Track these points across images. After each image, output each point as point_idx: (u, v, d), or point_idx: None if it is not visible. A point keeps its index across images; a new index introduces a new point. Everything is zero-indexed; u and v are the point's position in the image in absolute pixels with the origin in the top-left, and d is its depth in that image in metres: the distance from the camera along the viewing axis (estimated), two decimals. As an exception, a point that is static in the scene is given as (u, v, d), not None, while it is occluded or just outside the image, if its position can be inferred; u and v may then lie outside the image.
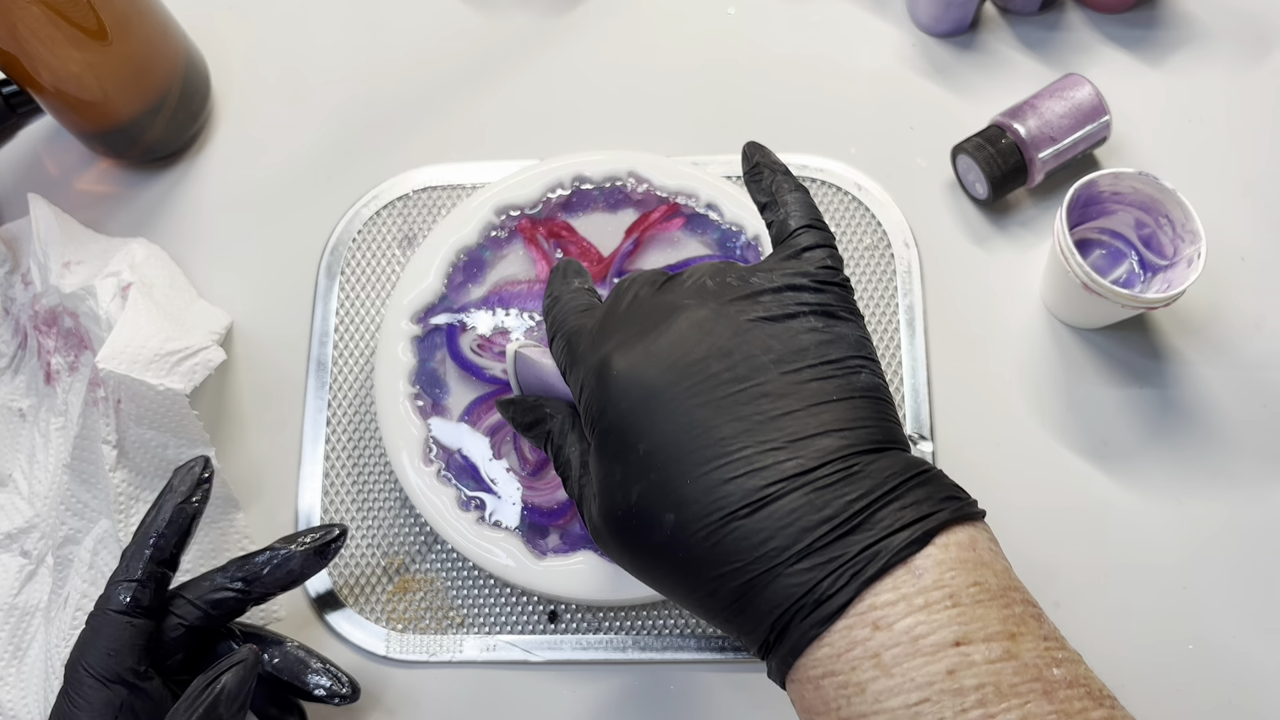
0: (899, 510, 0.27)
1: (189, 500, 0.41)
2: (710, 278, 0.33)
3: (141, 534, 0.40)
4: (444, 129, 0.58)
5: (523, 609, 0.48)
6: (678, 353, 0.30)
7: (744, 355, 0.30)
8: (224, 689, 0.36)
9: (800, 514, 0.27)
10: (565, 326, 0.35)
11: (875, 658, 0.26)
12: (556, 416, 0.36)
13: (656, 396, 0.30)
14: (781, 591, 0.27)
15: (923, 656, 0.25)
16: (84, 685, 0.37)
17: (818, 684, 0.27)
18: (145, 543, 0.40)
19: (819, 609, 0.27)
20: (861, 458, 0.28)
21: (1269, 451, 0.49)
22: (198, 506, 0.41)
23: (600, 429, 0.31)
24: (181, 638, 0.40)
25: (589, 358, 0.32)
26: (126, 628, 0.38)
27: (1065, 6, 0.59)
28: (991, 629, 0.26)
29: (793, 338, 0.30)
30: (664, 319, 0.31)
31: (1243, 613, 0.46)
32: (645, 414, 0.30)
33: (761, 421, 0.28)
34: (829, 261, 0.33)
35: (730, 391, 0.29)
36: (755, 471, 0.28)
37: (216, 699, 0.36)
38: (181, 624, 0.40)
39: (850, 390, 0.30)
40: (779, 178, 0.36)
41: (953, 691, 0.25)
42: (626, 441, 0.30)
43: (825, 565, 0.27)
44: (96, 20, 0.49)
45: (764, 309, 0.31)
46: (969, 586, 0.26)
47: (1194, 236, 0.46)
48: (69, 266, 0.51)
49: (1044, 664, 0.26)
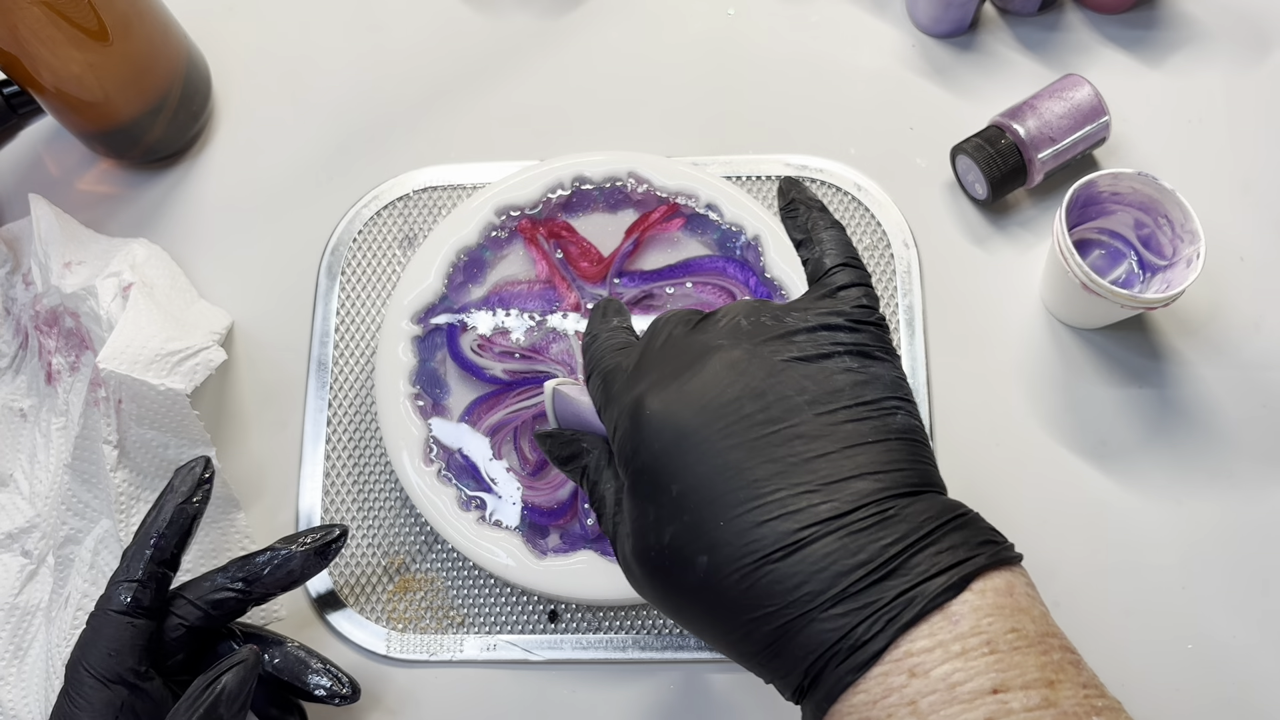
0: (935, 555, 0.27)
1: (190, 500, 0.41)
2: (745, 317, 0.32)
3: (142, 534, 0.40)
4: (444, 129, 0.58)
5: (523, 609, 0.48)
6: (711, 393, 0.30)
7: (778, 396, 0.29)
8: (225, 689, 0.36)
9: (835, 558, 0.27)
10: (602, 365, 0.35)
11: (911, 705, 0.25)
12: (593, 452, 0.36)
13: (689, 438, 0.29)
14: (816, 637, 0.27)
15: (960, 704, 0.25)
16: (85, 685, 0.37)
17: None
18: (146, 543, 0.40)
19: (854, 655, 0.26)
20: (897, 501, 0.28)
21: (1268, 451, 0.49)
22: (199, 507, 0.42)
23: (634, 469, 0.31)
24: (182, 638, 0.40)
25: (623, 397, 0.32)
26: (127, 628, 0.38)
27: (1064, 7, 0.59)
28: (1030, 676, 0.25)
29: (827, 378, 0.30)
30: (697, 359, 0.31)
31: (1243, 613, 0.46)
32: (678, 455, 0.29)
33: (795, 464, 0.28)
34: (864, 300, 0.33)
35: (764, 433, 0.29)
36: (789, 515, 0.27)
37: (217, 699, 0.36)
38: (182, 624, 0.40)
39: (886, 432, 0.29)
40: (815, 214, 0.36)
41: None
42: (659, 482, 0.30)
43: (860, 611, 0.26)
44: (97, 21, 0.49)
45: (798, 349, 0.31)
46: (1007, 633, 0.26)
47: (1193, 237, 0.46)
48: (70, 267, 0.51)
49: (1083, 711, 0.25)
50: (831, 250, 0.34)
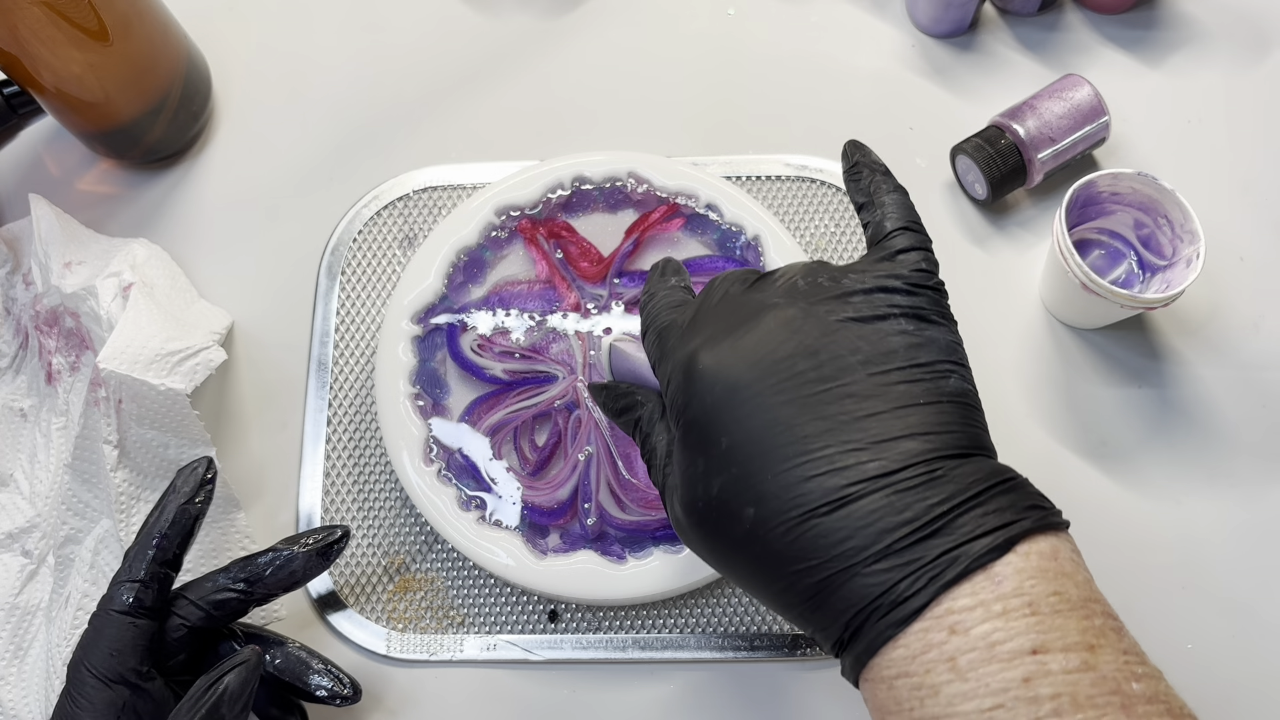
0: (981, 516, 0.27)
1: (192, 501, 0.41)
2: (802, 277, 0.33)
3: (144, 535, 0.40)
4: (444, 129, 0.58)
5: (523, 608, 0.48)
6: (764, 350, 0.30)
7: (831, 355, 0.30)
8: (227, 689, 0.36)
9: (880, 515, 0.27)
10: (658, 321, 0.36)
11: (950, 661, 0.26)
12: (647, 405, 0.37)
13: (741, 392, 0.30)
14: (858, 591, 0.27)
15: (999, 663, 0.25)
16: (86, 685, 0.37)
17: (891, 684, 0.27)
18: (148, 543, 0.40)
19: (895, 610, 0.26)
20: (945, 463, 0.28)
21: (1267, 451, 0.49)
22: (201, 507, 0.42)
23: (685, 421, 0.32)
24: (184, 638, 0.40)
25: (677, 352, 0.33)
26: (129, 628, 0.38)
27: (1064, 7, 0.59)
28: (1070, 639, 0.25)
29: (882, 339, 0.30)
30: (752, 316, 0.32)
31: (1243, 613, 0.46)
32: (729, 409, 0.30)
33: (846, 422, 0.28)
34: (924, 264, 0.33)
35: (815, 390, 0.29)
36: (837, 471, 0.28)
37: (219, 699, 0.36)
38: (184, 624, 0.40)
39: (938, 394, 0.29)
40: (878, 178, 0.36)
41: (1028, 700, 0.25)
42: (710, 435, 0.30)
43: (904, 567, 0.27)
44: (98, 21, 0.49)
45: (854, 310, 0.31)
46: (1049, 596, 0.26)
47: (1193, 237, 0.47)
48: (70, 267, 0.52)
49: (1123, 678, 0.25)
50: (893, 214, 0.34)
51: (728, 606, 0.47)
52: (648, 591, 0.45)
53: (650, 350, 0.36)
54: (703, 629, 0.47)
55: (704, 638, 0.47)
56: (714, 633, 0.47)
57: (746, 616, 0.47)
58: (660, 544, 0.46)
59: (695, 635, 0.47)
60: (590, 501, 0.47)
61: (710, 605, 0.47)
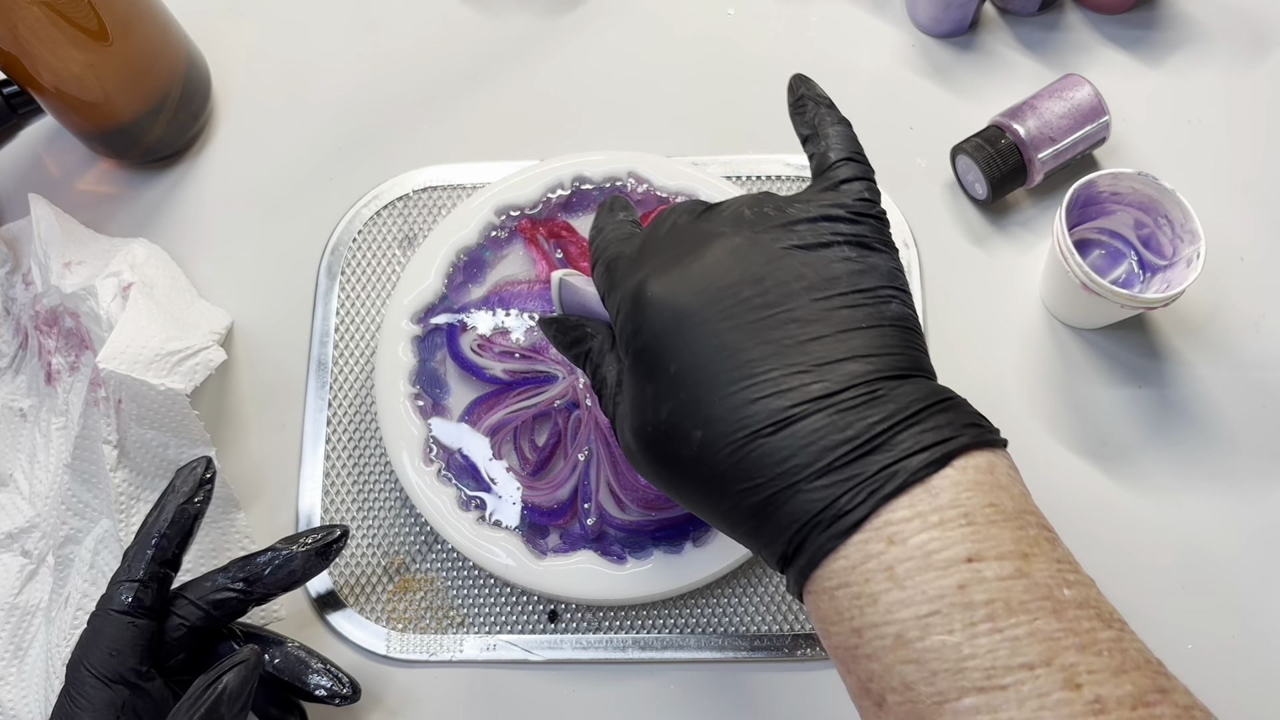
0: (920, 433, 0.28)
1: (191, 500, 0.41)
2: (748, 207, 0.33)
3: (144, 534, 0.40)
4: (444, 129, 0.58)
5: (523, 609, 0.48)
6: (711, 277, 0.31)
7: (776, 282, 0.30)
8: (226, 689, 0.36)
9: (823, 434, 0.28)
10: (607, 253, 0.36)
11: (888, 570, 0.26)
12: (597, 336, 0.37)
13: (689, 319, 0.30)
14: (801, 506, 0.28)
15: (935, 571, 0.26)
16: (86, 685, 0.37)
17: (832, 595, 0.28)
18: (147, 543, 0.40)
19: (836, 523, 0.27)
20: (886, 383, 0.29)
21: (1268, 451, 0.49)
22: (200, 507, 0.42)
23: (634, 349, 0.32)
24: (183, 638, 0.40)
25: (626, 281, 0.33)
26: (129, 628, 0.38)
27: (1064, 7, 0.59)
28: (1004, 548, 0.26)
29: (825, 266, 0.31)
30: (700, 245, 0.32)
31: (1243, 613, 0.46)
32: (677, 335, 0.31)
33: (790, 346, 0.29)
34: (866, 194, 0.33)
35: (761, 316, 0.30)
36: (781, 393, 0.28)
37: (219, 699, 0.36)
38: (183, 624, 0.40)
39: (879, 319, 0.30)
40: (823, 110, 0.36)
41: (963, 605, 0.26)
42: (659, 361, 0.31)
43: (844, 482, 0.27)
44: (97, 21, 0.49)
45: (799, 238, 0.31)
46: (984, 507, 0.27)
47: (1193, 237, 0.46)
48: (70, 266, 0.51)
49: (1055, 584, 0.26)
50: (837, 145, 0.35)
51: (728, 606, 0.47)
52: (648, 591, 0.45)
53: (599, 282, 0.36)
54: (703, 629, 0.47)
55: (704, 638, 0.47)
56: (714, 633, 0.47)
57: (746, 616, 0.47)
58: (660, 544, 0.46)
59: (695, 635, 0.47)
60: (590, 501, 0.47)
61: (710, 605, 0.47)
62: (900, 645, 0.26)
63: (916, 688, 0.26)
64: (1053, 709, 0.24)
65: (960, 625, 0.25)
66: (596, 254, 0.37)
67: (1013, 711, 0.25)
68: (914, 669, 0.26)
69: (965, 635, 0.25)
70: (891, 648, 0.26)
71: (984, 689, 0.25)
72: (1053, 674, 0.25)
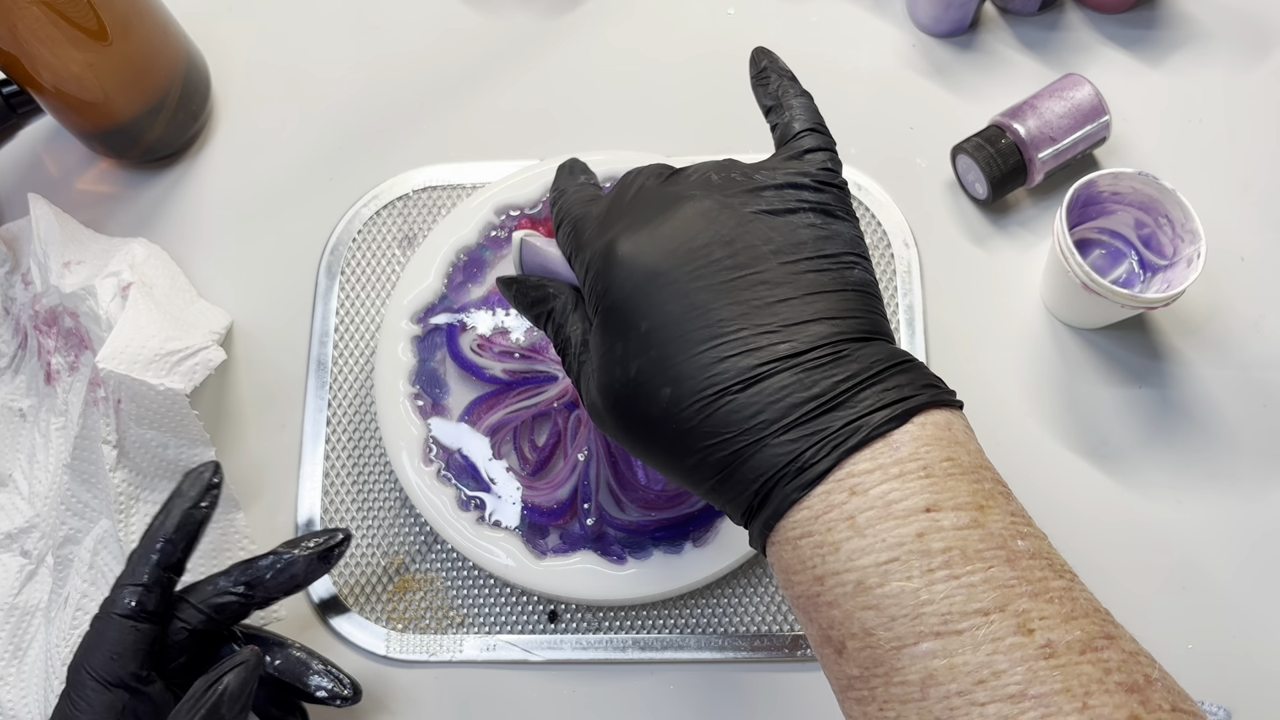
0: (881, 392, 0.29)
1: (198, 505, 0.41)
2: (715, 172, 0.34)
3: (149, 538, 0.40)
4: (444, 129, 0.58)
5: (523, 609, 0.48)
6: (682, 238, 0.32)
7: (745, 244, 0.31)
8: (226, 689, 0.36)
9: (790, 391, 0.29)
10: (572, 214, 0.36)
11: (850, 520, 0.28)
12: (559, 297, 0.37)
13: (660, 278, 0.31)
14: (767, 460, 0.29)
15: (894, 520, 0.27)
16: (86, 688, 0.37)
17: (796, 544, 0.29)
18: (152, 547, 0.40)
19: (801, 475, 0.28)
20: (850, 344, 0.30)
21: (1268, 451, 0.49)
22: (206, 512, 0.41)
23: (604, 307, 0.33)
24: (185, 641, 0.40)
25: (595, 241, 0.34)
26: (131, 632, 0.38)
27: (1065, 6, 0.59)
28: (961, 500, 0.27)
29: (792, 231, 0.32)
30: (670, 206, 0.33)
31: (1242, 613, 0.46)
32: (648, 294, 0.31)
33: (759, 307, 0.30)
34: (829, 164, 0.34)
35: (730, 277, 0.31)
36: (750, 351, 0.29)
37: (219, 699, 0.36)
38: (185, 628, 0.40)
39: (843, 283, 0.31)
40: (785, 82, 0.37)
41: (920, 552, 0.27)
42: (629, 320, 0.31)
43: (810, 437, 0.28)
44: (97, 20, 0.49)
45: (766, 203, 0.32)
46: (942, 461, 0.28)
47: (1193, 236, 0.46)
48: (69, 266, 0.51)
49: (1009, 535, 0.27)
50: (800, 116, 0.36)
51: (728, 606, 0.47)
52: (647, 592, 0.45)
53: (564, 243, 0.36)
54: (703, 629, 0.47)
55: (704, 638, 0.47)
56: (714, 633, 0.47)
57: (746, 616, 0.47)
58: (660, 544, 0.46)
59: (695, 635, 0.47)
60: (590, 501, 0.47)
61: (710, 605, 0.47)
62: (860, 592, 0.27)
63: (876, 633, 0.27)
64: (1006, 653, 0.25)
65: (918, 572, 0.27)
66: (560, 215, 0.37)
67: (968, 655, 0.26)
68: (873, 615, 0.27)
69: (923, 581, 0.26)
70: (852, 594, 0.27)
71: (940, 634, 0.26)
72: (1006, 619, 0.26)
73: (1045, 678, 0.25)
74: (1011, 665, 0.25)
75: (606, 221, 0.34)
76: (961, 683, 0.26)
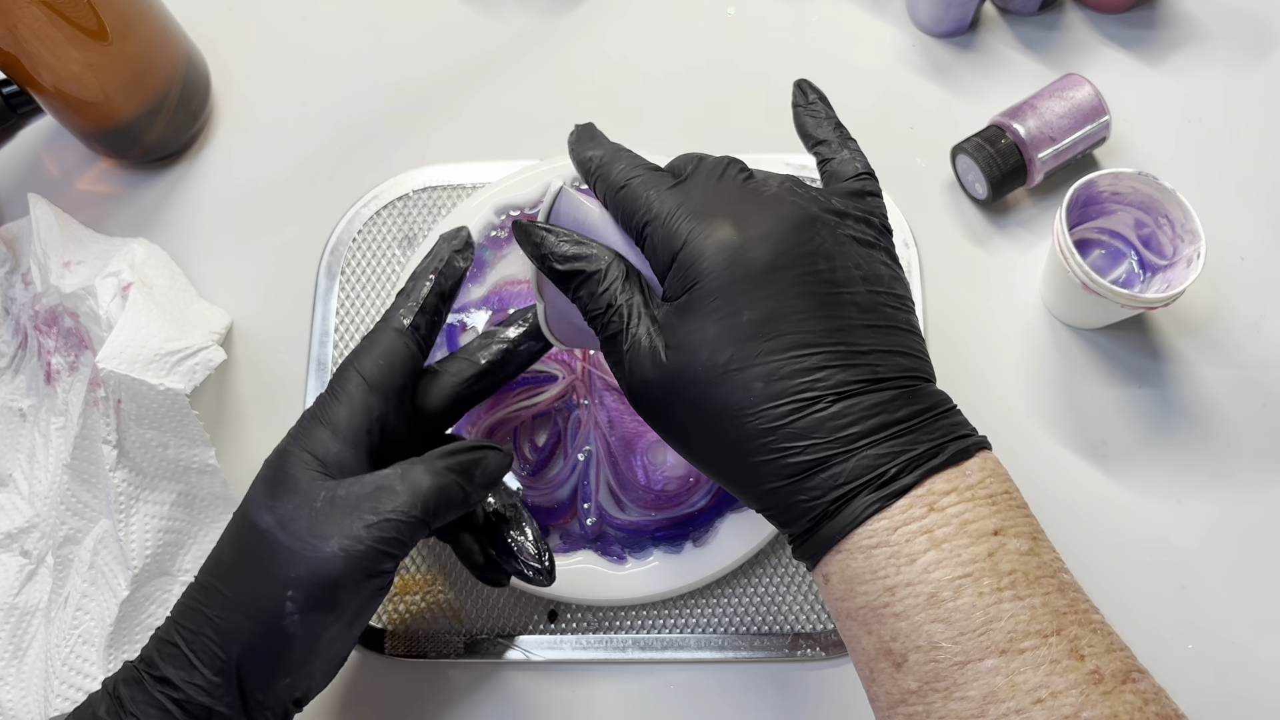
0: (951, 426, 0.32)
1: (459, 253, 0.41)
2: (796, 184, 0.35)
3: (419, 271, 0.41)
4: (444, 129, 0.58)
5: (523, 609, 0.48)
6: (793, 241, 0.32)
7: (841, 264, 0.33)
8: (488, 459, 0.37)
9: (880, 410, 0.31)
10: (630, 182, 0.36)
11: (929, 534, 0.29)
12: (605, 261, 0.35)
13: (771, 273, 0.32)
14: (854, 469, 0.30)
15: (968, 538, 0.29)
16: (350, 382, 0.38)
17: (869, 553, 0.30)
18: (425, 275, 0.40)
19: (885, 487, 0.30)
20: (923, 382, 0.32)
21: (1268, 451, 0.49)
22: (465, 265, 0.42)
23: (703, 288, 0.32)
24: (448, 401, 0.41)
25: (684, 220, 0.33)
26: (402, 346, 0.39)
27: (1065, 6, 0.59)
28: (1021, 528, 0.30)
29: (874, 265, 0.33)
30: (776, 207, 0.33)
31: (1242, 613, 0.46)
32: (758, 286, 0.32)
33: (854, 326, 0.32)
34: (885, 214, 0.36)
35: (830, 291, 0.32)
36: (846, 367, 0.31)
37: (476, 463, 0.37)
38: (453, 384, 0.41)
39: (911, 326, 0.34)
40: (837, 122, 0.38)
41: (992, 571, 0.29)
42: (732, 306, 0.32)
43: (896, 455, 0.30)
44: (96, 20, 0.49)
45: (853, 231, 0.34)
46: (1002, 493, 0.31)
47: (1193, 236, 0.46)
48: (69, 266, 0.51)
49: (1057, 567, 0.30)
50: (860, 159, 0.37)
51: (727, 606, 0.47)
52: (648, 592, 0.45)
53: (619, 208, 0.36)
54: (703, 629, 0.47)
55: (704, 638, 0.47)
56: (714, 633, 0.47)
57: (746, 616, 0.47)
58: (660, 544, 0.46)
59: (695, 635, 0.47)
60: (590, 501, 0.47)
61: (710, 605, 0.47)
62: (933, 604, 0.29)
63: (942, 646, 0.28)
64: (1061, 674, 0.27)
65: (989, 589, 0.28)
66: (612, 181, 0.36)
67: (1028, 674, 0.27)
68: (942, 628, 0.28)
69: (994, 599, 0.28)
70: (924, 606, 0.29)
71: (1005, 651, 0.28)
72: (1061, 643, 0.28)
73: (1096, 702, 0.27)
74: (1067, 687, 0.27)
75: (695, 205, 0.34)
76: (1020, 700, 0.27)
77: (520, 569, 0.41)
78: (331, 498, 0.35)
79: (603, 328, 0.35)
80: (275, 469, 0.36)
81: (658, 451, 0.48)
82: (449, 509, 0.36)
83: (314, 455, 0.36)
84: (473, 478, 0.36)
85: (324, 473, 0.36)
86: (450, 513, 0.36)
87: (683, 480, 0.47)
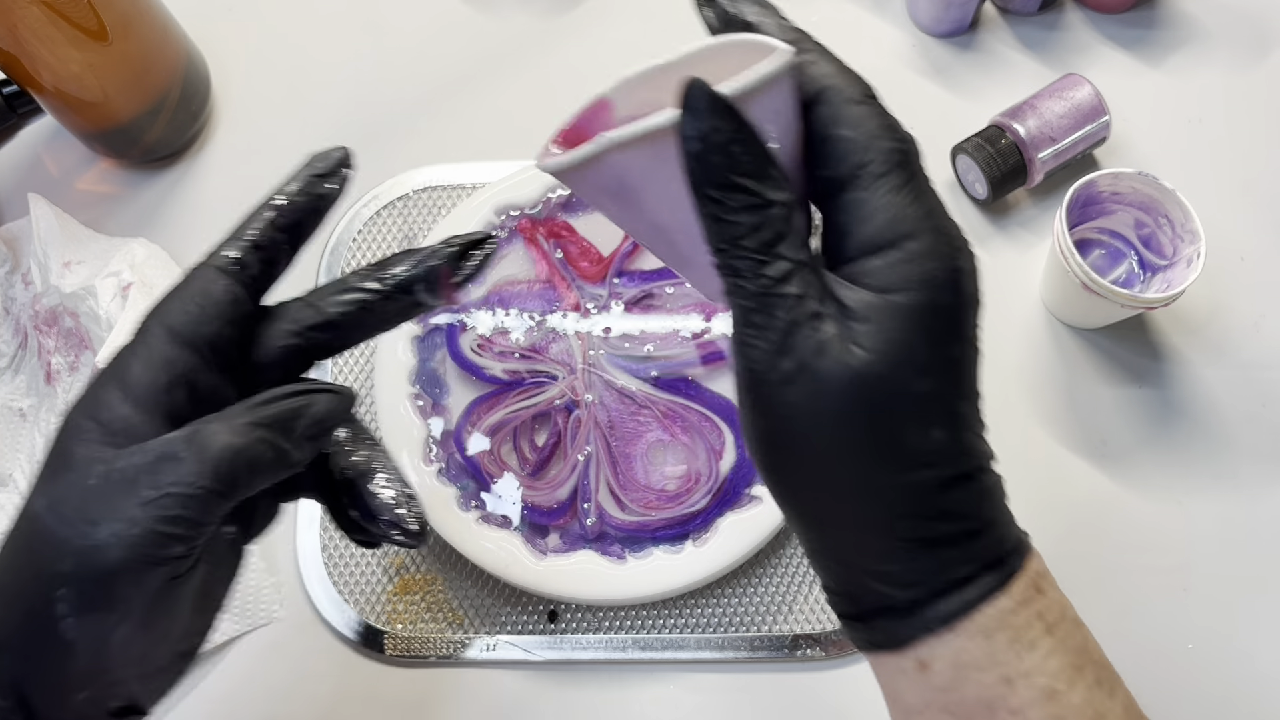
0: None
1: (325, 177, 0.33)
2: None
3: (263, 199, 0.32)
4: (444, 129, 0.58)
5: (523, 609, 0.48)
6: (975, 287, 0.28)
7: None
8: (311, 406, 0.28)
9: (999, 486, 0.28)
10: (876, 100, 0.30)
11: (1040, 617, 0.27)
12: (787, 189, 0.26)
13: (966, 312, 0.26)
14: (998, 541, 0.27)
15: (1069, 623, 0.27)
16: (150, 335, 0.29)
17: (990, 636, 0.26)
18: (266, 204, 0.31)
19: (1002, 565, 0.27)
20: None
21: (1269, 451, 0.49)
22: (334, 191, 0.33)
23: (932, 299, 0.25)
24: (284, 353, 0.31)
25: (937, 215, 0.28)
26: (222, 289, 0.29)
27: (1065, 6, 0.59)
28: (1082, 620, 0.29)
29: None
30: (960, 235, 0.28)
31: (1243, 613, 0.46)
32: (962, 323, 0.26)
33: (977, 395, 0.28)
34: None
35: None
36: (983, 438, 0.28)
37: (297, 411, 0.28)
38: (291, 332, 0.31)
39: None
40: None
41: (1094, 662, 0.27)
42: (952, 334, 0.26)
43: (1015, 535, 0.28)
44: (97, 21, 0.49)
45: None
46: None
47: (1193, 236, 0.46)
48: (69, 266, 0.51)
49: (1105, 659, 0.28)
50: None
51: (728, 606, 0.47)
52: (647, 591, 0.45)
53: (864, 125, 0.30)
54: (703, 629, 0.47)
55: (704, 638, 0.47)
56: (714, 633, 0.47)
57: (746, 617, 0.47)
58: (660, 544, 0.46)
59: (695, 635, 0.47)
60: (590, 501, 0.47)
61: (710, 605, 0.47)
62: (1049, 699, 0.26)
63: None
64: None
65: (1092, 681, 0.26)
66: (850, 94, 0.30)
67: None
68: None
69: (1100, 694, 0.26)
70: (1042, 700, 0.26)
71: None
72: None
73: None
74: None
75: (927, 185, 0.28)
76: None
77: (384, 533, 0.31)
78: (107, 472, 0.27)
79: (755, 278, 0.25)
80: (53, 442, 0.28)
81: (658, 451, 0.48)
82: (257, 474, 0.27)
83: (98, 422, 0.28)
84: (292, 431, 0.28)
85: (110, 443, 0.27)
86: (261, 478, 0.28)
87: (683, 480, 0.47)
